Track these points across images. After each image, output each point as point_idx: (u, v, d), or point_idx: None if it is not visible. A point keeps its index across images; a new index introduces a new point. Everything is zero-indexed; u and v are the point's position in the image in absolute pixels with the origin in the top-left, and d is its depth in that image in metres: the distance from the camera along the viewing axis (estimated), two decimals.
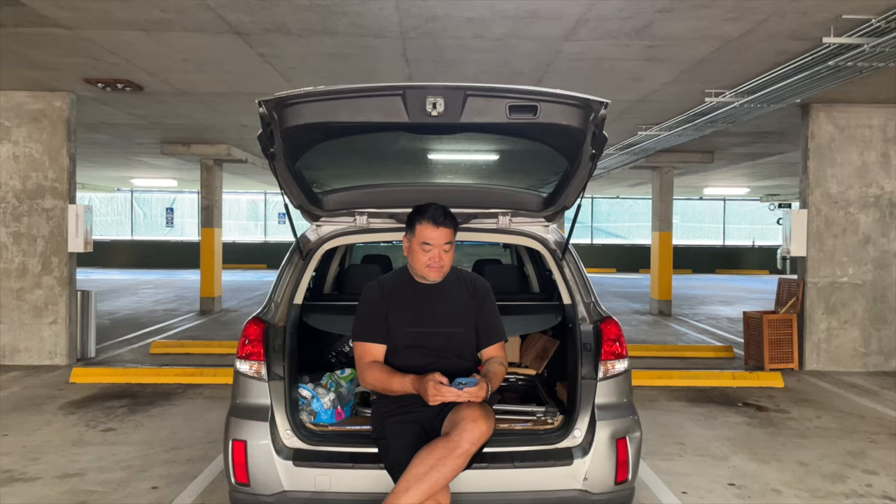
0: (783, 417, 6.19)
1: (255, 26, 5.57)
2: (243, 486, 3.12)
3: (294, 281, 3.51)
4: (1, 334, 8.18)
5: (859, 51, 5.41)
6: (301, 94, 2.84)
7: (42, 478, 4.54)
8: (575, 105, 2.89)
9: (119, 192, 26.13)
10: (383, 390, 3.02)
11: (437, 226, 3.05)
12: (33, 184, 8.20)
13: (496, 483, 3.09)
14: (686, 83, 7.24)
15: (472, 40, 5.89)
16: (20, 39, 6.03)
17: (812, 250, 8.35)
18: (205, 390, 6.94)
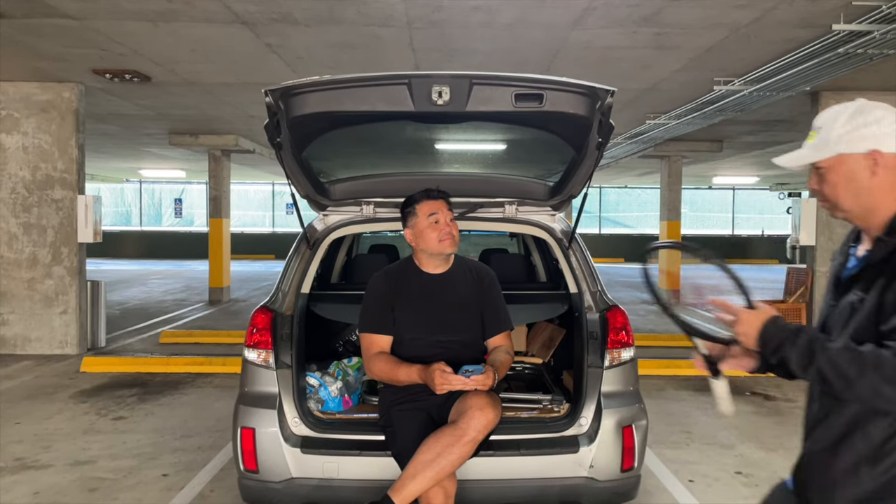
0: (791, 406, 6.18)
1: (262, 16, 5.56)
2: (252, 472, 3.15)
3: (301, 270, 3.52)
4: (12, 324, 8.25)
5: (869, 38, 5.36)
6: (307, 84, 2.85)
7: (54, 465, 4.59)
8: (581, 93, 2.89)
9: (128, 183, 26.25)
10: (389, 381, 3.04)
11: (436, 198, 3.10)
12: (43, 174, 8.25)
13: (502, 470, 3.11)
14: (695, 71, 7.20)
15: (479, 29, 5.87)
16: (28, 30, 6.05)
17: (821, 239, 8.31)
18: (214, 379, 6.99)
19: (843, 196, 1.65)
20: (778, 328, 1.62)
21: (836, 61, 5.99)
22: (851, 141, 1.61)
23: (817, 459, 1.67)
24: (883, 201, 1.62)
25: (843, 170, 1.63)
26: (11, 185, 8.25)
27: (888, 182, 1.60)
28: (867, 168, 1.60)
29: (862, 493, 1.55)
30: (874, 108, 1.63)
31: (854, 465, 1.56)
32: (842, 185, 1.64)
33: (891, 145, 1.59)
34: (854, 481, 1.56)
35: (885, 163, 1.59)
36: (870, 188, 1.61)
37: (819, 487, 1.66)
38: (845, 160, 1.62)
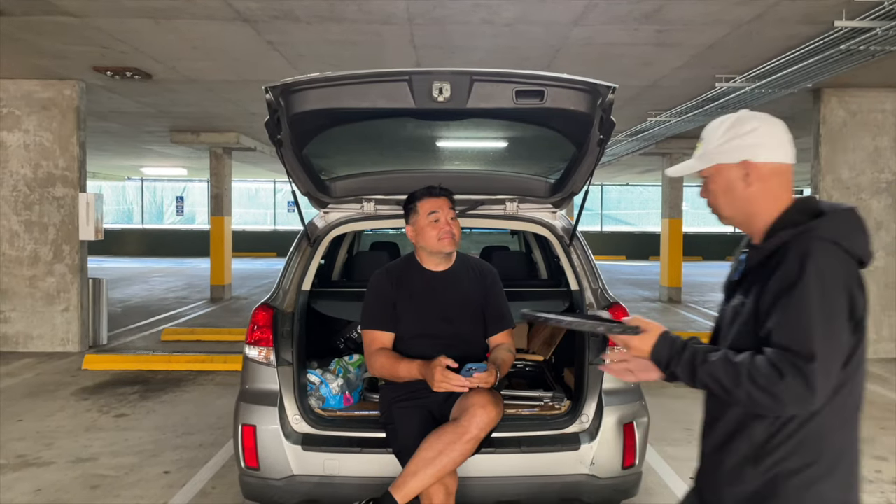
0: None
1: (263, 13, 5.56)
2: (253, 469, 3.15)
3: (302, 268, 3.52)
4: (14, 322, 8.26)
5: (871, 34, 5.34)
6: (307, 81, 2.84)
7: (56, 462, 4.60)
8: (582, 89, 2.88)
9: (129, 181, 26.26)
10: (390, 377, 3.03)
11: (438, 196, 3.07)
12: (44, 172, 8.25)
13: (503, 467, 3.11)
14: (696, 68, 7.18)
15: (480, 26, 5.86)
16: (29, 27, 6.05)
17: None
18: (215, 377, 7.00)
19: (723, 204, 1.73)
20: (666, 345, 1.68)
21: (838, 58, 5.97)
22: (727, 151, 1.68)
23: (708, 461, 1.74)
24: (761, 209, 1.67)
25: (721, 179, 1.70)
26: (13, 182, 8.25)
27: (764, 191, 1.66)
28: (741, 178, 1.67)
29: (747, 492, 1.61)
30: (750, 119, 1.69)
31: (739, 465, 1.63)
32: (721, 194, 1.72)
33: (761, 155, 1.65)
34: (739, 480, 1.63)
35: (758, 172, 1.65)
36: (746, 197, 1.67)
37: (710, 487, 1.72)
38: (722, 170, 1.70)
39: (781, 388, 1.49)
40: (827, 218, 1.60)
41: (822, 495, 1.57)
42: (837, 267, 1.54)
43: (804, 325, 1.51)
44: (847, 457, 1.62)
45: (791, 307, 1.52)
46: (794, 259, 1.54)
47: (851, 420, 1.64)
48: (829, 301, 1.52)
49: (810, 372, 1.48)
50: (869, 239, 1.63)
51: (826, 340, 1.50)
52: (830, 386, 1.52)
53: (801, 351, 1.49)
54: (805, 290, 1.51)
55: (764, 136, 1.66)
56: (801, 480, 1.57)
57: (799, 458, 1.57)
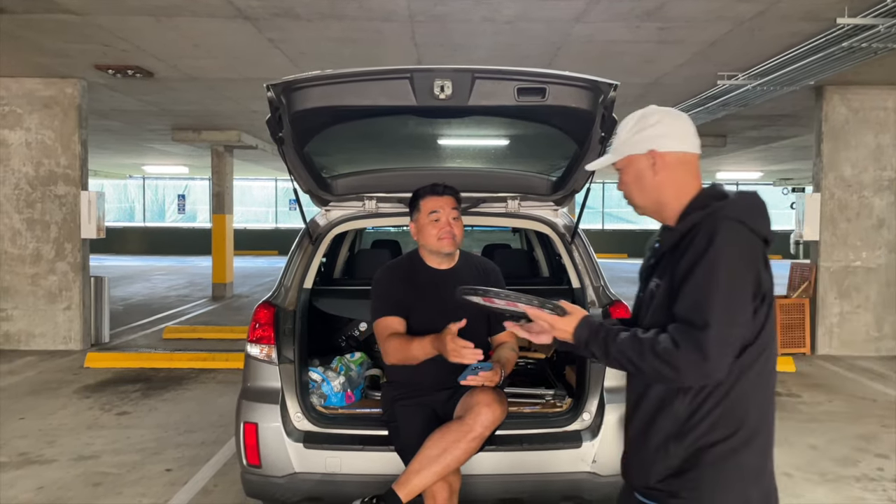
0: (795, 402, 6.17)
1: (264, 11, 5.55)
2: (255, 467, 3.16)
3: (304, 265, 3.52)
4: (16, 320, 8.27)
5: (874, 32, 5.33)
6: (309, 78, 2.84)
7: (58, 460, 4.61)
8: (584, 87, 2.87)
9: (131, 179, 26.28)
10: (405, 360, 2.90)
11: (440, 195, 3.03)
12: (46, 170, 8.25)
13: (506, 465, 3.11)
14: (698, 66, 7.17)
15: (481, 23, 5.85)
16: (30, 26, 6.05)
17: (825, 234, 8.28)
18: (217, 375, 7.01)
19: (635, 193, 1.82)
20: (586, 327, 1.77)
21: (840, 55, 5.96)
22: (635, 143, 1.79)
23: (634, 443, 1.82)
24: (670, 197, 1.77)
25: (632, 170, 1.80)
26: (15, 180, 8.26)
27: (671, 179, 1.77)
28: (649, 167, 1.77)
29: (671, 467, 1.70)
30: (655, 112, 1.80)
31: (663, 443, 1.71)
32: (632, 184, 1.82)
33: (665, 145, 1.76)
34: (664, 456, 1.71)
35: (664, 161, 1.76)
36: (655, 185, 1.78)
37: (637, 467, 1.80)
38: (632, 161, 1.80)
39: (678, 357, 1.58)
40: (732, 199, 1.70)
41: (741, 463, 1.66)
42: (742, 243, 1.63)
43: (702, 296, 1.59)
44: (765, 426, 1.71)
45: (693, 281, 1.61)
46: (703, 237, 1.63)
47: (767, 391, 1.73)
48: (730, 274, 1.59)
49: (704, 340, 1.56)
50: (769, 220, 1.71)
51: (722, 311, 1.57)
52: (728, 355, 1.59)
53: (696, 321, 1.58)
54: (707, 264, 1.60)
55: (668, 128, 1.77)
56: (721, 451, 1.65)
57: (720, 431, 1.65)
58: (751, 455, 1.67)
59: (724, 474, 1.66)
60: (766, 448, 1.72)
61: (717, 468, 1.66)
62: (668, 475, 1.70)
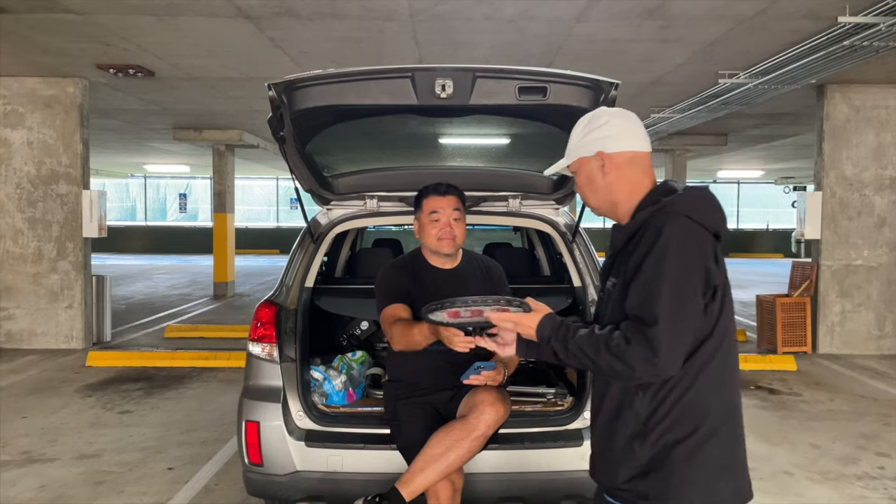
0: (796, 400, 6.17)
1: (265, 10, 5.56)
2: (257, 466, 3.16)
3: (305, 264, 3.52)
4: (18, 318, 8.29)
5: (875, 30, 5.33)
6: (310, 77, 2.84)
7: (60, 459, 4.62)
8: (585, 86, 2.87)
9: (132, 178, 26.29)
10: (409, 346, 2.86)
11: (442, 195, 3.02)
12: (47, 170, 8.26)
13: (507, 463, 3.11)
14: (699, 64, 7.17)
15: (483, 22, 5.85)
16: (32, 25, 6.06)
17: (826, 233, 8.28)
18: (219, 373, 7.02)
19: (589, 194, 1.84)
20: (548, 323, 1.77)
21: (841, 54, 5.96)
22: (585, 146, 1.81)
23: (600, 444, 1.82)
24: (621, 196, 1.79)
25: (584, 172, 1.83)
26: (16, 180, 8.27)
27: (621, 178, 1.78)
28: (599, 168, 1.79)
29: (637, 467, 1.69)
30: (603, 114, 1.83)
31: (628, 442, 1.71)
32: (585, 186, 1.84)
33: (613, 146, 1.77)
34: (629, 456, 1.70)
35: (613, 162, 1.78)
36: (606, 185, 1.79)
37: (603, 468, 1.81)
38: (584, 163, 1.82)
39: (629, 354, 1.58)
40: (679, 195, 1.70)
41: (706, 459, 1.66)
42: (689, 237, 1.63)
43: (650, 292, 1.59)
44: (729, 420, 1.71)
45: (641, 277, 1.62)
46: (651, 233, 1.64)
47: (729, 384, 1.73)
48: (677, 269, 1.60)
49: (653, 335, 1.56)
50: (722, 214, 1.72)
51: (670, 306, 1.58)
52: (679, 350, 1.59)
53: (645, 317, 1.58)
54: (654, 260, 1.61)
55: (615, 128, 1.79)
56: (686, 448, 1.65)
57: (683, 427, 1.65)
58: (716, 450, 1.66)
59: (690, 472, 1.65)
60: (733, 442, 1.71)
61: (682, 466, 1.65)
62: (633, 476, 1.70)
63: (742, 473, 1.73)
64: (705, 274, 1.62)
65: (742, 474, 1.73)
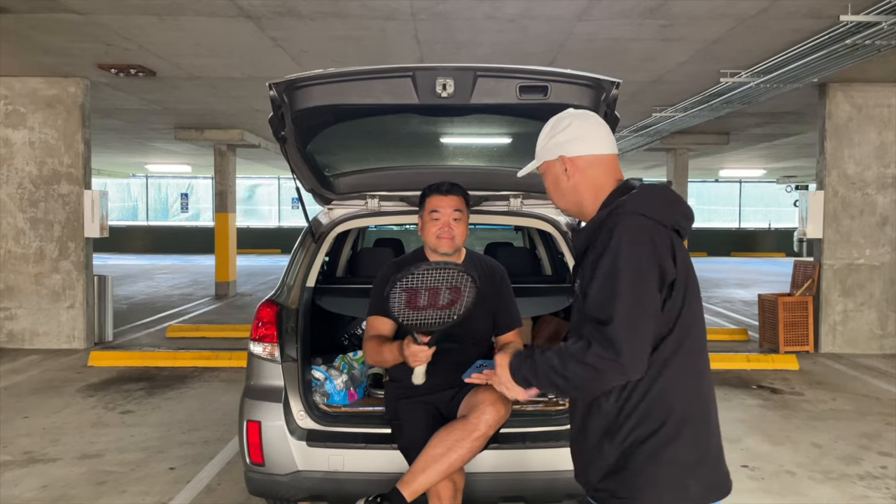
0: (798, 400, 6.16)
1: (267, 9, 5.56)
2: (258, 465, 3.16)
3: (306, 264, 3.52)
4: (20, 318, 8.30)
5: (877, 28, 5.32)
6: (311, 77, 2.84)
7: (62, 458, 4.62)
8: (586, 85, 2.87)
9: (134, 178, 26.32)
10: (379, 362, 3.02)
11: (444, 194, 3.02)
12: (49, 169, 8.27)
13: (508, 463, 3.11)
14: (701, 63, 7.16)
15: (484, 21, 5.85)
16: (33, 25, 6.06)
17: (828, 232, 8.27)
18: (220, 373, 7.02)
19: (555, 196, 1.88)
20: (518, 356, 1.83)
21: (843, 52, 5.94)
22: (549, 149, 1.84)
23: (575, 443, 1.85)
24: (586, 197, 1.81)
25: (550, 175, 1.86)
26: (18, 180, 8.28)
27: (584, 180, 1.80)
28: (562, 172, 1.82)
29: (607, 466, 1.70)
30: (565, 117, 1.85)
31: (598, 442, 1.72)
32: (551, 188, 1.88)
33: (575, 149, 1.80)
34: (599, 455, 1.72)
35: (575, 165, 1.80)
36: (571, 188, 1.82)
37: (580, 468, 1.82)
38: (549, 166, 1.86)
39: (591, 357, 1.58)
40: (633, 193, 1.71)
41: (674, 457, 1.65)
42: (640, 234, 1.63)
43: (606, 292, 1.60)
44: (696, 416, 1.69)
45: (596, 279, 1.63)
46: (605, 235, 1.66)
47: (696, 381, 1.71)
48: (629, 266, 1.60)
49: (610, 334, 1.56)
50: (679, 208, 1.72)
51: (626, 302, 1.58)
52: (640, 347, 1.59)
53: (601, 316, 1.59)
54: (607, 260, 1.62)
55: (577, 132, 1.81)
56: (651, 446, 1.65)
57: (648, 425, 1.65)
58: (683, 446, 1.66)
59: (658, 469, 1.65)
60: (703, 438, 1.70)
61: (648, 465, 1.65)
62: (604, 475, 1.70)
63: (715, 469, 1.72)
64: (659, 270, 1.62)
65: (715, 470, 1.72)
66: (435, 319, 2.72)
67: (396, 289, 2.65)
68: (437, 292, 2.75)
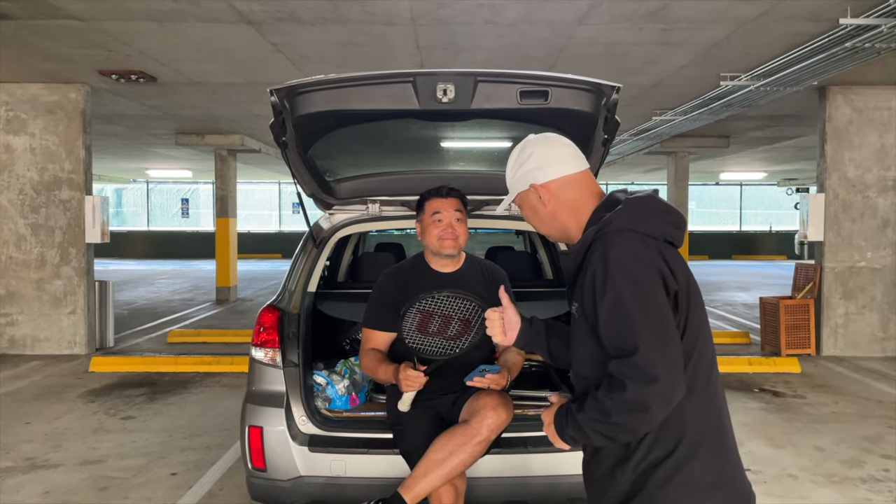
0: (800, 403, 6.15)
1: (267, 15, 5.57)
2: (260, 471, 3.16)
3: (308, 269, 3.52)
4: (21, 324, 8.30)
5: (877, 32, 5.33)
6: (312, 83, 2.85)
7: (64, 464, 4.62)
8: (586, 90, 2.87)
9: (135, 184, 26.34)
10: (374, 378, 3.11)
11: (444, 197, 3.06)
12: (50, 175, 8.28)
13: (510, 468, 3.10)
14: (701, 66, 7.17)
15: (484, 26, 5.86)
16: (34, 31, 6.08)
17: (829, 234, 8.27)
18: (222, 378, 7.02)
19: (537, 225, 1.84)
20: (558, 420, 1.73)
21: (843, 56, 5.95)
22: (518, 181, 1.80)
23: (587, 472, 1.79)
24: (568, 220, 1.77)
25: (526, 206, 1.82)
26: (19, 185, 8.29)
27: (562, 204, 1.76)
28: (538, 200, 1.78)
29: (622, 492, 1.64)
30: (526, 146, 1.80)
31: (611, 468, 1.66)
32: (531, 217, 1.84)
33: (543, 175, 1.75)
34: (612, 483, 1.66)
35: (548, 191, 1.76)
36: (550, 215, 1.78)
37: (594, 497, 1.76)
38: (523, 198, 1.82)
39: (633, 395, 1.49)
40: (618, 209, 1.64)
41: (690, 479, 1.59)
42: (638, 251, 1.57)
43: (623, 321, 1.53)
44: (711, 434, 1.63)
45: (605, 308, 1.56)
46: (598, 256, 1.59)
47: (708, 398, 1.64)
48: (638, 287, 1.54)
49: (640, 362, 1.49)
50: (667, 218, 1.66)
51: (646, 325, 1.51)
52: (675, 365, 1.52)
53: (625, 348, 1.52)
54: (610, 286, 1.55)
55: (541, 158, 1.76)
56: (665, 470, 1.59)
57: (661, 448, 1.59)
58: (699, 467, 1.59)
59: (672, 495, 1.59)
60: (719, 457, 1.63)
61: (663, 489, 1.59)
62: (619, 501, 1.64)
63: (735, 488, 1.65)
64: (663, 282, 1.57)
65: (735, 489, 1.65)
66: (439, 349, 2.78)
67: (413, 309, 2.71)
68: (449, 322, 2.81)
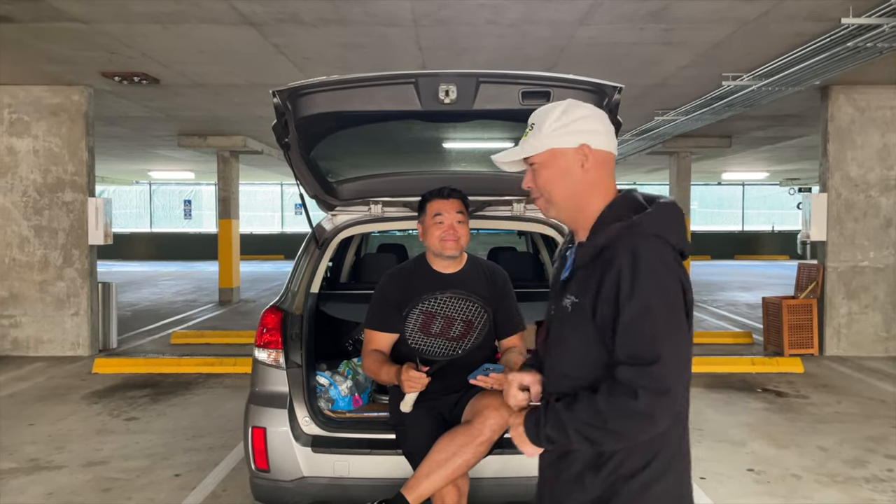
0: (803, 403, 6.15)
1: (269, 16, 5.58)
2: (263, 472, 3.17)
3: (310, 270, 3.53)
4: (25, 326, 8.32)
5: (879, 31, 5.32)
6: (314, 84, 2.85)
7: (67, 466, 4.63)
8: (588, 90, 2.88)
9: (138, 185, 26.37)
10: (376, 379, 3.13)
11: (446, 198, 3.07)
12: (53, 177, 8.30)
13: (513, 468, 3.10)
14: (703, 67, 7.16)
15: (485, 26, 5.86)
16: (37, 34, 6.09)
17: (832, 234, 8.26)
18: (225, 379, 7.02)
19: (556, 190, 1.66)
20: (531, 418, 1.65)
21: (845, 55, 5.95)
22: (564, 136, 1.65)
23: (547, 473, 1.70)
24: (592, 199, 1.65)
25: (557, 164, 1.65)
26: (23, 188, 8.31)
27: (596, 178, 1.65)
28: (578, 162, 1.64)
29: (588, 498, 1.59)
30: (581, 106, 1.68)
31: (580, 474, 1.60)
32: (555, 180, 1.66)
33: (597, 142, 1.64)
34: (580, 488, 1.60)
35: (595, 157, 1.64)
36: (585, 182, 1.64)
37: (551, 499, 1.69)
38: (558, 155, 1.65)
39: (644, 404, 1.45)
40: (650, 213, 1.58)
41: (664, 493, 1.57)
42: (665, 260, 1.53)
43: (646, 329, 1.48)
44: (680, 452, 1.62)
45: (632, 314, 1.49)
46: (624, 257, 1.52)
47: (682, 415, 1.62)
48: (665, 296, 1.51)
49: (659, 373, 1.46)
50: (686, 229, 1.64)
51: (669, 337, 1.49)
52: (684, 378, 1.51)
53: (647, 357, 1.47)
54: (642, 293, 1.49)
55: (598, 124, 1.67)
56: (639, 482, 1.56)
57: (636, 460, 1.56)
58: (670, 482, 1.58)
59: None
60: (685, 473, 1.63)
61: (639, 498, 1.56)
62: None
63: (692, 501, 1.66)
64: (683, 295, 1.54)
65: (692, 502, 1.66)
66: (441, 350, 2.79)
67: (416, 310, 2.72)
68: (451, 323, 2.82)
